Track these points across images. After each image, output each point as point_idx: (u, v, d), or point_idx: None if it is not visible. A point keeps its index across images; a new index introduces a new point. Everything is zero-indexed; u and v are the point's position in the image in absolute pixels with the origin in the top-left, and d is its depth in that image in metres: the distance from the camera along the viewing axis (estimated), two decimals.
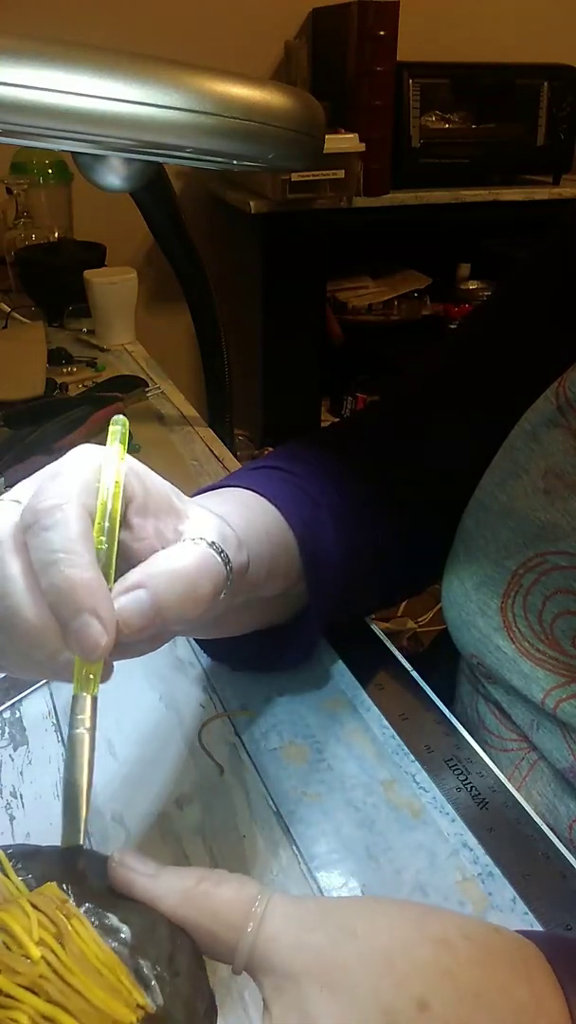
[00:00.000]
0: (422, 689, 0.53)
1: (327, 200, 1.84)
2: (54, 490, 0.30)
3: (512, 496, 0.47)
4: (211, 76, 0.44)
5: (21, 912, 0.26)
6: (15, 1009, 0.24)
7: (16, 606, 0.29)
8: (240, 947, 0.27)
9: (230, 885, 0.29)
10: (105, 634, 0.28)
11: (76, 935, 0.26)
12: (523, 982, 0.27)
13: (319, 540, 0.46)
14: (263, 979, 0.27)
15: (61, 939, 0.26)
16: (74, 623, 0.28)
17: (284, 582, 0.44)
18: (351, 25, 1.77)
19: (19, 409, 0.90)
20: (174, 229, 0.94)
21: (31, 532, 0.29)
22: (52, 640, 0.29)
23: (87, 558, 0.29)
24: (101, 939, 0.26)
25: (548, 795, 0.48)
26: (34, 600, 0.29)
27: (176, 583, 0.31)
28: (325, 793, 0.46)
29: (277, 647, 0.50)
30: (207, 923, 0.28)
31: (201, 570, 0.32)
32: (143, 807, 0.45)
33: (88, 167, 0.49)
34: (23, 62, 0.39)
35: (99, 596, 0.28)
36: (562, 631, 0.45)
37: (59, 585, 0.28)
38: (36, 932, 0.25)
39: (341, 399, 2.25)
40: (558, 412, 0.45)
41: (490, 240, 2.23)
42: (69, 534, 0.29)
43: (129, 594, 0.30)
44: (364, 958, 0.26)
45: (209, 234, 2.04)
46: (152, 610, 0.30)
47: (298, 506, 0.45)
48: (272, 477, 0.48)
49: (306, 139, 0.48)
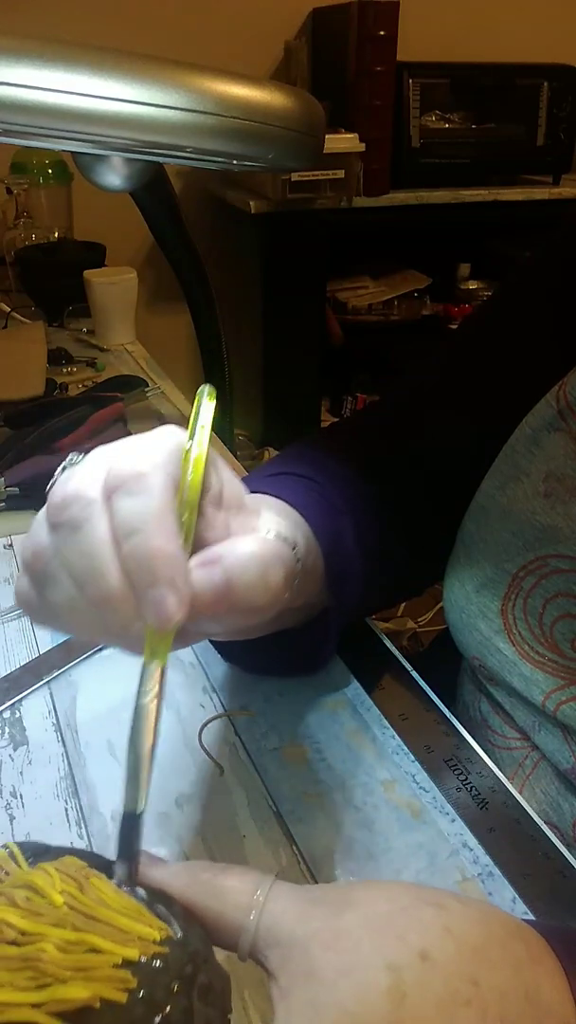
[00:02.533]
0: (422, 689, 0.53)
1: (327, 200, 1.84)
2: (141, 455, 0.30)
3: (513, 499, 0.47)
4: (211, 76, 0.44)
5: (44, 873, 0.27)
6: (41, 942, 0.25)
7: (101, 568, 0.29)
8: (246, 928, 0.28)
9: (235, 871, 0.30)
10: (180, 606, 0.28)
11: (96, 887, 0.27)
12: (519, 941, 0.28)
13: (342, 551, 0.46)
14: (269, 953, 0.28)
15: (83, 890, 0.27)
16: (152, 592, 0.28)
17: (308, 594, 0.44)
18: (351, 25, 1.78)
19: (19, 409, 0.89)
20: (174, 229, 0.94)
21: (117, 495, 0.29)
22: (130, 608, 0.29)
23: (171, 529, 0.29)
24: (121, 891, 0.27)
25: (552, 793, 0.48)
26: (117, 563, 0.29)
27: (251, 565, 0.31)
28: (325, 793, 0.46)
29: (293, 655, 0.50)
30: (214, 904, 0.28)
31: (275, 557, 0.32)
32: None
33: (88, 167, 0.49)
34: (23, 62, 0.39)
35: (178, 569, 0.28)
36: (561, 634, 0.45)
37: (141, 554, 0.28)
38: (59, 885, 0.27)
39: (341, 399, 2.25)
40: (559, 416, 0.45)
41: (490, 240, 2.23)
42: (154, 503, 0.29)
43: (204, 568, 0.30)
44: (366, 919, 0.27)
45: (209, 234, 2.04)
46: (225, 587, 0.30)
47: (324, 517, 0.45)
48: (298, 486, 0.48)
49: (306, 139, 0.48)
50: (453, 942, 0.27)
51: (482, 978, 0.26)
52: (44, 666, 0.55)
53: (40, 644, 0.57)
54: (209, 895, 0.29)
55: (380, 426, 0.59)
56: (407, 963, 0.26)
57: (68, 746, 0.48)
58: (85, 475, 0.30)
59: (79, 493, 0.29)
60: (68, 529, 0.29)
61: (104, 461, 0.31)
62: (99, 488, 0.30)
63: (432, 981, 0.25)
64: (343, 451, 0.56)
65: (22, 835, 0.43)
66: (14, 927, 0.25)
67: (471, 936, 0.27)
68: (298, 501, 0.44)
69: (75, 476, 0.30)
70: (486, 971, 0.26)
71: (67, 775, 0.46)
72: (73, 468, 0.31)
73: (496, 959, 0.27)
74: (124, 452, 0.31)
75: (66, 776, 0.46)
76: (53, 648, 0.56)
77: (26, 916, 0.25)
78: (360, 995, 0.25)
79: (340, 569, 0.45)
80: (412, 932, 0.27)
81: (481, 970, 0.26)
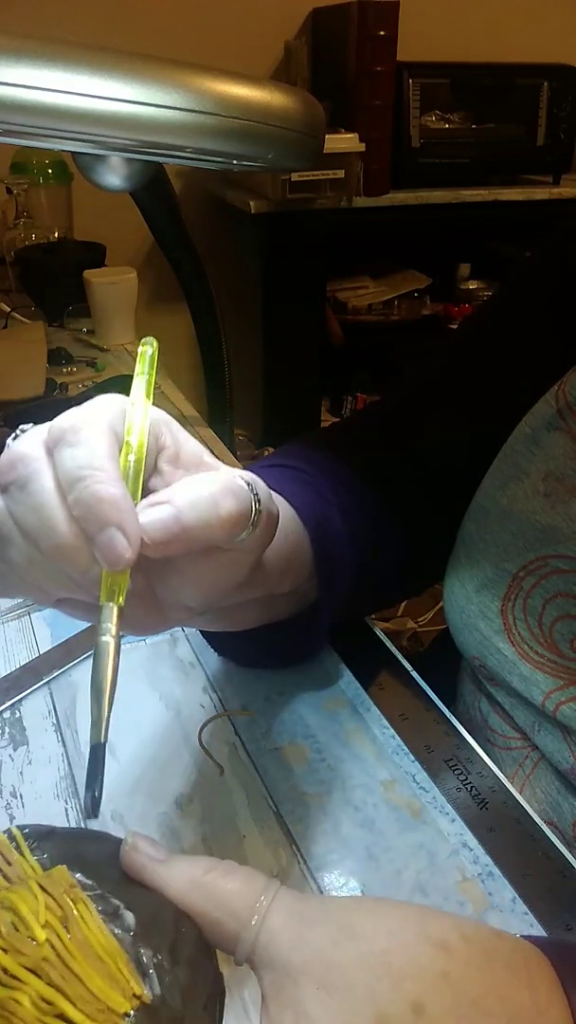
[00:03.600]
0: (422, 689, 0.53)
1: (327, 200, 1.84)
2: (81, 412, 0.31)
3: (512, 499, 0.47)
4: (211, 76, 0.44)
5: (30, 894, 0.27)
6: (18, 990, 0.25)
7: (51, 520, 0.29)
8: (243, 939, 0.27)
9: (237, 876, 0.29)
10: (129, 547, 0.29)
11: (81, 920, 0.27)
12: (524, 987, 0.27)
13: (331, 539, 0.46)
14: (263, 974, 0.27)
15: (66, 923, 0.26)
16: (100, 536, 0.29)
17: (296, 580, 0.44)
18: (351, 25, 1.77)
19: (19, 409, 0.90)
20: (174, 229, 0.94)
21: (58, 449, 0.30)
22: (84, 555, 0.30)
23: (112, 473, 0.29)
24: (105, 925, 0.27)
25: (552, 793, 0.48)
26: (66, 514, 0.29)
27: (201, 500, 0.31)
28: (325, 793, 0.46)
29: (285, 646, 0.50)
30: (213, 911, 0.28)
31: (227, 491, 0.32)
32: (143, 807, 0.45)
33: (88, 167, 0.49)
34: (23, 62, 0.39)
35: (123, 510, 0.29)
36: (561, 634, 0.45)
37: (86, 500, 0.29)
38: (43, 915, 0.26)
39: (341, 399, 2.25)
40: (558, 415, 0.45)
41: (490, 240, 2.23)
42: (94, 450, 0.29)
43: (153, 507, 0.31)
44: (362, 958, 0.26)
45: (209, 234, 2.04)
46: (176, 525, 0.30)
47: (311, 504, 0.45)
48: (285, 474, 0.48)
49: (306, 139, 0.48)
50: (450, 992, 0.26)
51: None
52: (44, 666, 0.55)
53: (40, 644, 0.57)
54: (209, 902, 0.28)
55: (380, 426, 0.59)
56: (398, 1015, 0.25)
57: (68, 746, 0.48)
58: (28, 437, 0.31)
59: (22, 453, 0.30)
60: (16, 488, 0.30)
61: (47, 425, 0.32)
62: (41, 447, 0.31)
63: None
64: (342, 450, 0.56)
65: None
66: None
67: (470, 984, 0.26)
68: (284, 488, 0.44)
69: (20, 440, 0.31)
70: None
71: (67, 775, 0.46)
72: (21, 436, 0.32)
73: (494, 1011, 0.26)
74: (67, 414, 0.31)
75: (66, 776, 0.46)
76: (53, 648, 0.56)
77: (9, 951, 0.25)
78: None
79: (328, 554, 0.45)
80: (408, 978, 0.26)
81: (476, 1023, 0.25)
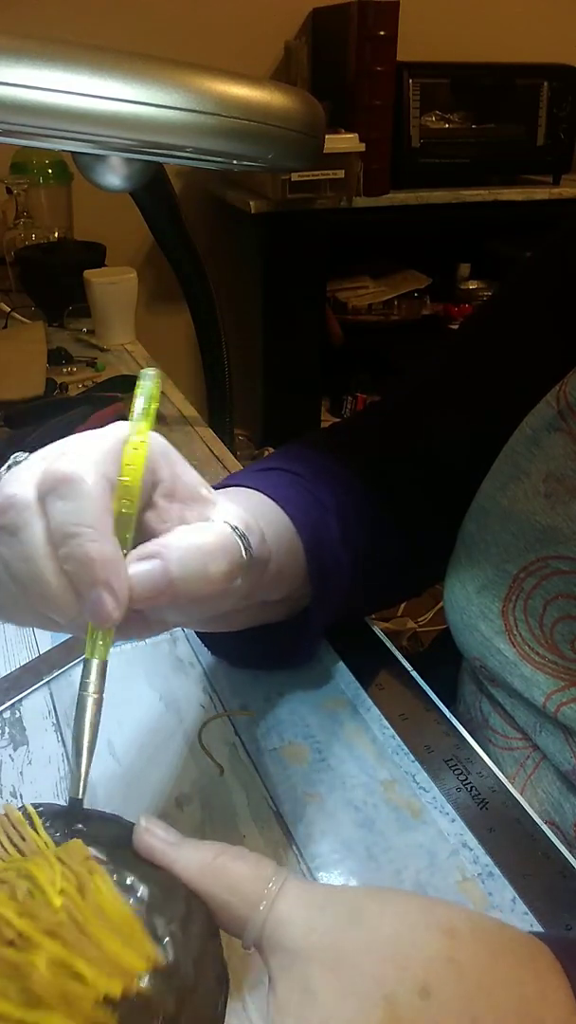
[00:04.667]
0: (422, 689, 0.53)
1: (327, 200, 1.84)
2: (75, 455, 0.30)
3: (513, 500, 0.47)
4: (211, 76, 0.44)
5: (47, 863, 0.27)
6: (34, 952, 0.25)
7: (39, 571, 0.29)
8: (252, 922, 0.28)
9: (248, 861, 0.29)
10: (118, 607, 0.29)
11: (97, 889, 0.27)
12: (529, 975, 0.27)
13: (325, 545, 0.46)
14: (271, 958, 0.27)
15: (82, 891, 0.27)
16: (89, 594, 0.29)
17: (290, 586, 0.44)
18: (351, 25, 1.77)
19: (19, 409, 0.90)
20: (174, 229, 0.94)
21: (49, 499, 0.30)
22: (71, 606, 0.30)
23: (104, 530, 0.29)
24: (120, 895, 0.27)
25: (553, 793, 0.48)
26: (56, 567, 0.29)
27: (191, 557, 0.31)
28: (325, 793, 0.46)
29: (278, 648, 0.50)
30: (223, 895, 0.28)
31: (218, 548, 0.32)
32: (143, 807, 0.45)
33: (88, 167, 0.49)
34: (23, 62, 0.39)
35: (113, 570, 0.29)
36: (562, 635, 0.45)
37: (77, 557, 0.29)
38: (59, 882, 0.27)
39: (341, 399, 2.25)
40: (559, 416, 0.45)
41: (490, 240, 2.23)
42: (87, 506, 0.29)
43: (143, 562, 0.31)
44: (370, 942, 0.27)
45: (209, 234, 2.04)
46: (163, 580, 0.30)
47: (306, 511, 0.45)
48: (281, 479, 0.48)
49: (306, 139, 0.48)
50: (456, 976, 0.26)
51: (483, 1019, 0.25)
52: (44, 666, 0.55)
53: (40, 644, 0.57)
54: (219, 884, 0.29)
55: (380, 426, 0.59)
56: (405, 998, 0.25)
57: (68, 746, 0.48)
58: (21, 478, 0.30)
59: (15, 498, 0.30)
60: (6, 534, 0.30)
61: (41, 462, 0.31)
62: (34, 491, 0.30)
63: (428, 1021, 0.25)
64: (341, 451, 0.56)
65: None
66: (12, 926, 0.25)
67: (477, 970, 0.26)
68: (279, 494, 0.44)
69: (12, 479, 0.31)
70: (487, 1011, 0.25)
71: (67, 775, 0.46)
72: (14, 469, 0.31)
73: (500, 997, 0.26)
74: (61, 452, 0.31)
75: (66, 776, 0.46)
76: (53, 648, 0.56)
77: (24, 916, 0.25)
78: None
79: (322, 562, 0.45)
80: (415, 962, 0.26)
81: (482, 1010, 0.25)
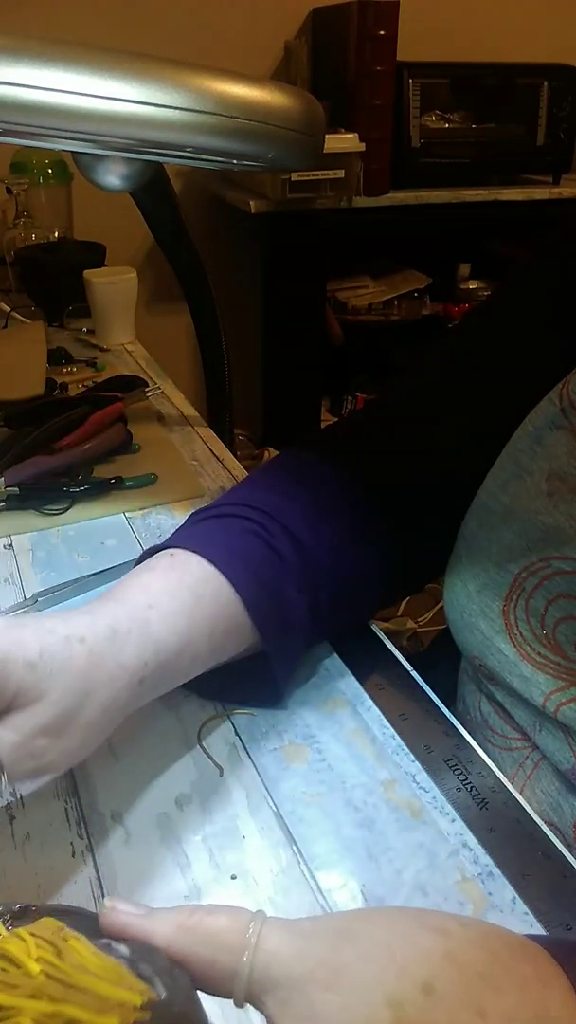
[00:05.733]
0: (422, 689, 0.53)
1: (327, 200, 1.84)
2: None
3: (515, 498, 0.47)
4: (211, 76, 0.44)
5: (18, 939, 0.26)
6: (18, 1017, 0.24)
7: None
8: (239, 972, 0.27)
9: (223, 912, 0.28)
10: None
11: (74, 950, 0.26)
12: (525, 962, 0.27)
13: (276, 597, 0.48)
14: (267, 998, 0.26)
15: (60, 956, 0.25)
16: None
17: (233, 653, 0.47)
18: (351, 25, 1.77)
19: (19, 409, 0.89)
20: (174, 229, 0.94)
21: None
22: None
23: None
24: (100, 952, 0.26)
25: (552, 793, 0.48)
26: None
27: None
28: (325, 793, 0.45)
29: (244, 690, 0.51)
30: (205, 950, 0.27)
31: None
32: (143, 807, 0.45)
33: (88, 167, 0.49)
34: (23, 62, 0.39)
35: None
36: (565, 636, 0.45)
37: None
38: (35, 952, 0.25)
39: (341, 399, 2.25)
40: (561, 414, 0.45)
41: (490, 240, 2.23)
42: None
43: None
44: (365, 954, 0.26)
45: (209, 234, 2.04)
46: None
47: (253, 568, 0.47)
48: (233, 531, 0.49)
49: (306, 139, 0.48)
50: (456, 970, 0.26)
51: (489, 1006, 0.25)
52: None
53: None
54: (198, 941, 0.27)
55: (380, 425, 0.59)
56: (409, 998, 0.25)
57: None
58: None
59: None
60: None
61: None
62: None
63: (436, 1016, 0.25)
64: (339, 453, 0.57)
65: (22, 835, 0.43)
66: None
67: (475, 961, 0.26)
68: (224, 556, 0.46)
69: None
70: (492, 998, 0.25)
71: (67, 775, 0.46)
72: None
73: (502, 984, 0.26)
74: None
75: (66, 776, 0.46)
76: None
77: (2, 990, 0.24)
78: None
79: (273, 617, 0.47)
80: (413, 962, 0.26)
81: (487, 998, 0.25)
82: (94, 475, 0.81)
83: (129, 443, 0.86)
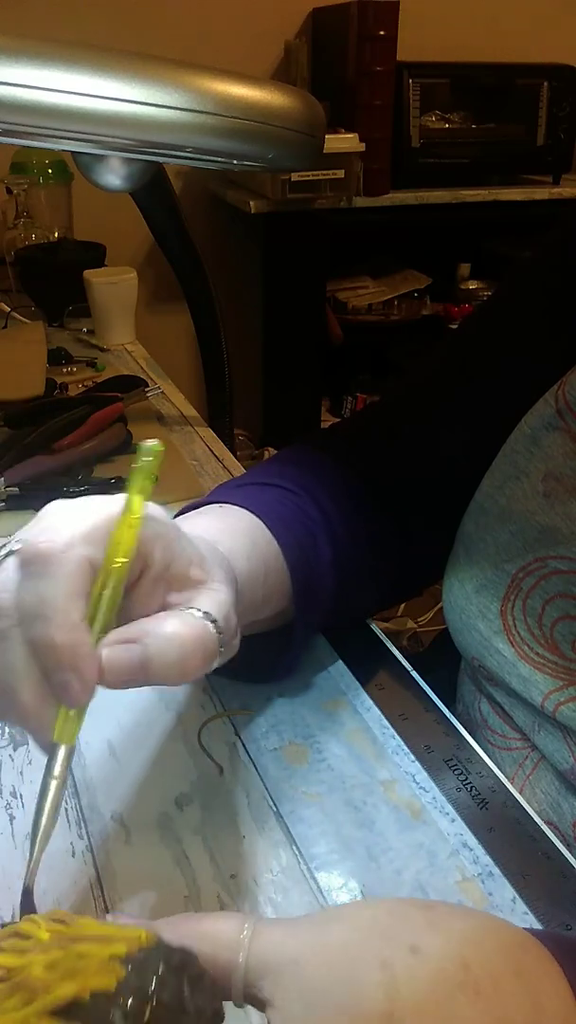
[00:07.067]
0: (422, 689, 0.53)
1: (327, 200, 1.84)
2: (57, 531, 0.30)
3: (512, 499, 0.47)
4: (211, 76, 0.44)
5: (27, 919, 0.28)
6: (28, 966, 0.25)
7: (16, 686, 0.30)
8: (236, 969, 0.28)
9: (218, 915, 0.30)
10: (84, 691, 0.29)
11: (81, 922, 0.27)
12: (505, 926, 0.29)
13: (312, 566, 0.47)
14: (262, 983, 0.27)
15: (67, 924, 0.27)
16: (55, 677, 0.29)
17: (276, 607, 0.46)
18: (351, 25, 1.77)
19: (19, 409, 0.89)
20: (174, 229, 0.94)
21: (24, 574, 0.30)
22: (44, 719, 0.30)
23: (72, 616, 0.29)
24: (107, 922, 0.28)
25: (552, 793, 0.48)
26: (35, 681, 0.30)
27: (170, 650, 0.31)
28: (325, 793, 0.46)
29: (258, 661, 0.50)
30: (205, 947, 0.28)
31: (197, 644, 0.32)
32: (143, 807, 0.45)
33: (88, 167, 0.49)
34: (23, 62, 0.39)
35: (80, 655, 0.29)
36: (562, 635, 0.45)
37: (42, 642, 0.29)
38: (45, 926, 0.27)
39: (341, 399, 2.25)
40: (558, 415, 0.45)
41: (490, 240, 2.23)
42: (57, 587, 0.29)
43: (122, 646, 0.31)
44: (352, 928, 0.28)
45: (209, 234, 2.04)
46: (140, 667, 0.30)
47: (294, 532, 0.46)
48: (273, 496, 0.49)
49: (306, 139, 0.48)
50: (441, 934, 0.27)
51: (472, 961, 0.26)
52: None
53: None
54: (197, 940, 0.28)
55: (379, 426, 0.59)
56: (398, 957, 0.26)
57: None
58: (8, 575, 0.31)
59: None
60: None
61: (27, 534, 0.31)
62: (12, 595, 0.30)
63: (423, 970, 0.26)
64: (340, 453, 0.56)
65: (22, 835, 0.43)
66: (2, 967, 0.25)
67: (459, 927, 0.28)
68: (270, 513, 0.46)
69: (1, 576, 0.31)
70: (476, 954, 0.27)
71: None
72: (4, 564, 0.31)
73: (485, 943, 0.27)
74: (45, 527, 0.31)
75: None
76: None
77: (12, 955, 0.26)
78: (354, 992, 0.26)
79: (308, 584, 0.47)
80: (399, 930, 0.27)
81: (471, 954, 0.27)
82: (94, 475, 0.81)
83: (129, 443, 0.86)
